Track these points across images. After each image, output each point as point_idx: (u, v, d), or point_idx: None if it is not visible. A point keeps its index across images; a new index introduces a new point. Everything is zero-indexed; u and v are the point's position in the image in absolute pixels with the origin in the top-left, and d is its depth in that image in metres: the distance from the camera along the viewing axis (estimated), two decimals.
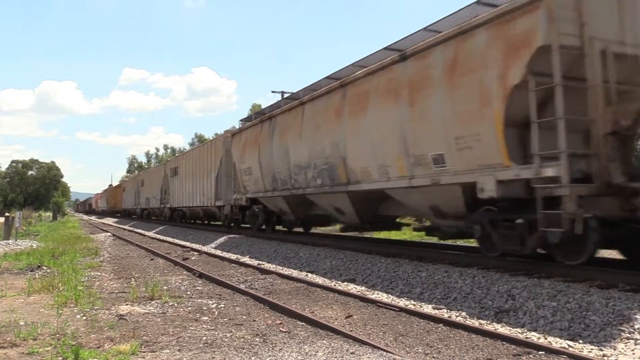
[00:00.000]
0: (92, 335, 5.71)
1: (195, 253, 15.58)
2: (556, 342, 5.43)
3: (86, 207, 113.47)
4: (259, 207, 17.72)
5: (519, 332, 5.88)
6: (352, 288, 8.94)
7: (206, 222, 28.17)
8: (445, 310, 7.04)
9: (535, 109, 6.97)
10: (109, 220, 53.46)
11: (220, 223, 24.19)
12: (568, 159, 6.64)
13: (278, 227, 17.82)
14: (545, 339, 5.59)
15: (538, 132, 6.97)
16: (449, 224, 9.29)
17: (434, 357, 5.06)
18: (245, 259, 13.44)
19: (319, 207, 13.79)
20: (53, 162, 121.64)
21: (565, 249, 7.29)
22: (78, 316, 6.72)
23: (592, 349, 5.16)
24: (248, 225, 19.41)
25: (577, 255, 7.23)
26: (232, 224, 21.23)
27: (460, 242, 13.29)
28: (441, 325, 6.23)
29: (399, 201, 10.40)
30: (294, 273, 10.78)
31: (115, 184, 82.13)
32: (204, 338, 5.69)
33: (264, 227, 18.07)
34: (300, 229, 17.99)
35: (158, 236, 23.95)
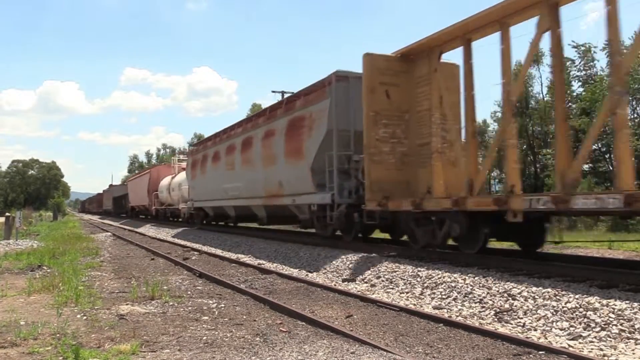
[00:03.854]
0: (93, 335, 5.72)
1: (195, 253, 15.59)
2: (556, 342, 5.43)
3: (92, 205, 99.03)
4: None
5: (519, 332, 5.88)
6: (352, 288, 8.94)
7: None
8: (445, 310, 7.05)
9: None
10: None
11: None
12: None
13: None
14: (546, 338, 5.59)
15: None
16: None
17: (434, 357, 5.06)
18: (246, 259, 13.44)
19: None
20: (53, 162, 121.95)
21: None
22: (78, 316, 6.72)
23: (592, 349, 5.16)
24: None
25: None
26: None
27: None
28: (441, 325, 6.23)
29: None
30: (294, 273, 10.79)
31: (115, 183, 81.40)
32: (204, 338, 5.70)
33: None
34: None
35: (157, 236, 23.98)
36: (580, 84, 32.16)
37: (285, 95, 35.97)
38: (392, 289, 8.59)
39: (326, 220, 12.95)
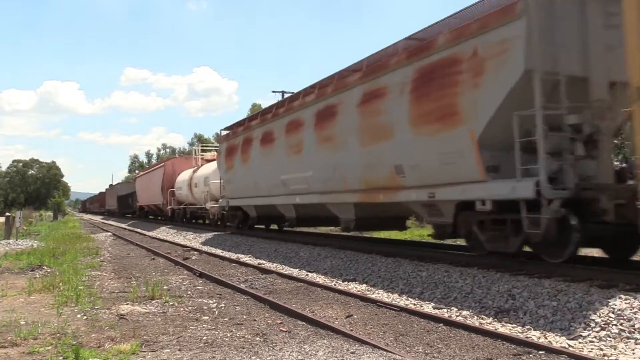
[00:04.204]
0: (93, 335, 5.72)
1: (195, 253, 15.59)
2: (556, 342, 5.43)
3: (93, 205, 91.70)
4: None
5: (519, 332, 5.88)
6: (353, 288, 8.94)
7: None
8: (445, 310, 7.04)
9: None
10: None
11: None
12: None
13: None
14: (546, 338, 5.58)
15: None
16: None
17: (434, 357, 5.06)
18: (246, 259, 13.44)
19: None
20: (53, 162, 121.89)
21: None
22: (78, 316, 6.72)
23: (592, 349, 5.16)
24: None
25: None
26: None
27: (460, 242, 13.27)
28: (441, 324, 6.23)
29: None
30: (294, 273, 10.79)
31: (115, 183, 79.84)
32: (205, 337, 5.70)
33: None
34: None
35: (157, 235, 23.97)
36: None
37: (286, 96, 34.84)
38: (392, 289, 8.59)
39: (508, 230, 8.11)
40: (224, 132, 20.79)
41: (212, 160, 25.29)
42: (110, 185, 72.52)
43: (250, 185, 17.11)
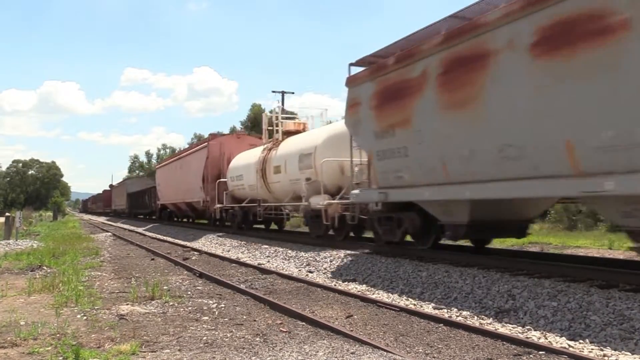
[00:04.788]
0: (93, 335, 5.72)
1: (195, 253, 15.59)
2: (556, 342, 5.43)
3: (96, 204, 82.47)
4: None
5: (519, 332, 5.88)
6: (353, 288, 8.94)
7: None
8: (445, 310, 7.04)
9: None
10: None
11: None
12: None
13: None
14: (546, 338, 5.59)
15: None
16: None
17: (434, 357, 5.06)
18: (246, 259, 13.44)
19: None
20: (53, 162, 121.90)
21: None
22: (78, 316, 6.72)
23: (592, 349, 5.16)
24: None
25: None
26: None
27: (460, 242, 13.26)
28: (441, 325, 6.23)
29: None
30: (294, 273, 10.79)
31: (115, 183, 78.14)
32: (205, 338, 5.70)
33: None
34: None
35: (157, 236, 23.96)
36: None
37: (286, 95, 33.25)
38: (392, 289, 8.59)
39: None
40: (361, 70, 11.04)
41: (296, 132, 16.92)
42: (111, 186, 68.95)
43: (461, 157, 8.19)
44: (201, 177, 22.73)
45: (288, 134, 17.38)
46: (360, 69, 11.11)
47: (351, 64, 11.34)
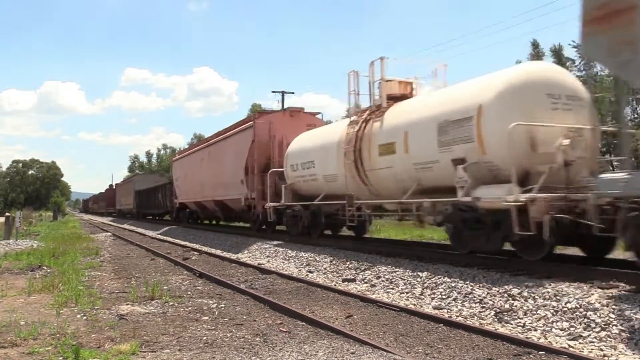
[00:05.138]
0: (93, 335, 5.72)
1: (195, 253, 15.59)
2: (556, 342, 5.43)
3: (98, 204, 78.18)
4: None
5: (519, 332, 5.88)
6: (353, 288, 8.94)
7: None
8: (445, 310, 7.04)
9: None
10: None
11: None
12: None
13: None
14: (546, 338, 5.58)
15: None
16: None
17: (434, 357, 5.06)
18: (246, 259, 13.44)
19: None
20: (53, 162, 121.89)
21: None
22: (78, 316, 6.72)
23: (592, 349, 5.16)
24: None
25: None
26: None
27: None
28: (441, 325, 6.23)
29: None
30: (294, 273, 10.78)
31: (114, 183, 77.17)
32: (205, 338, 5.69)
33: None
34: None
35: (158, 236, 23.94)
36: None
37: (286, 95, 32.48)
38: (392, 289, 8.59)
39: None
40: None
41: (402, 97, 11.67)
42: (111, 184, 66.90)
43: None
44: (243, 167, 17.55)
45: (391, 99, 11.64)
46: None
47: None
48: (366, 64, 11.88)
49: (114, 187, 62.78)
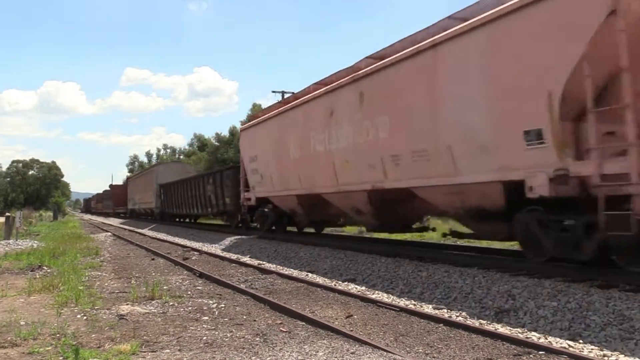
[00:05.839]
0: (93, 335, 5.72)
1: (195, 253, 15.59)
2: (556, 342, 5.43)
3: (103, 203, 69.15)
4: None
5: (519, 332, 5.87)
6: (353, 288, 8.94)
7: None
8: (445, 310, 7.04)
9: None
10: None
11: None
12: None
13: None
14: (546, 338, 5.59)
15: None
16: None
17: (434, 357, 5.06)
18: (246, 259, 13.43)
19: None
20: (53, 162, 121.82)
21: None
22: (78, 316, 6.72)
23: (592, 349, 5.16)
24: None
25: None
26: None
27: (460, 242, 13.28)
28: (441, 325, 6.23)
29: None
30: (294, 273, 10.78)
31: (115, 183, 75.77)
32: (205, 338, 5.70)
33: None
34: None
35: (158, 235, 23.93)
36: None
37: (286, 95, 32.05)
38: (392, 289, 8.59)
39: None
40: None
41: None
42: (124, 180, 59.45)
43: None
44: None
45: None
46: None
47: None
48: None
49: (135, 177, 50.41)
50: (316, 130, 12.61)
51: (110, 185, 70.36)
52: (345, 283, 9.45)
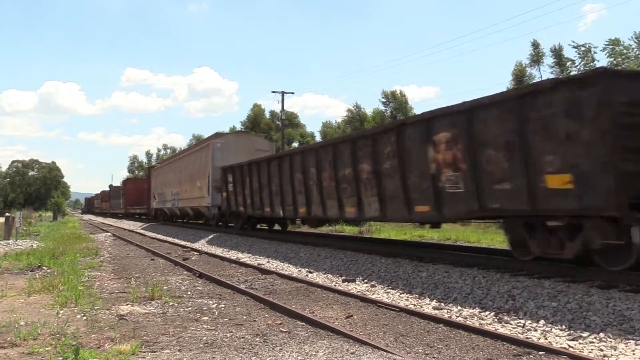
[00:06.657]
0: (93, 335, 5.71)
1: (195, 253, 15.58)
2: (556, 342, 5.42)
3: (108, 202, 59.91)
4: None
5: (519, 333, 5.87)
6: (353, 288, 8.93)
7: None
8: (445, 311, 7.04)
9: None
10: None
11: None
12: None
13: None
14: (546, 339, 5.58)
15: None
16: None
17: (434, 358, 5.06)
18: (246, 259, 13.43)
19: None
20: (53, 163, 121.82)
21: None
22: (78, 316, 6.72)
23: (592, 349, 5.16)
24: None
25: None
26: None
27: (460, 242, 13.28)
28: (441, 325, 6.22)
29: None
30: (294, 273, 10.78)
31: (115, 183, 75.12)
32: (204, 338, 5.69)
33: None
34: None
35: (158, 236, 23.93)
36: None
37: (286, 95, 31.26)
38: (392, 289, 8.59)
39: None
40: None
41: None
42: (111, 183, 56.42)
43: None
44: None
45: None
46: None
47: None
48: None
49: (152, 168, 40.61)
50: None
51: (110, 186, 69.79)
52: (345, 283, 9.45)
